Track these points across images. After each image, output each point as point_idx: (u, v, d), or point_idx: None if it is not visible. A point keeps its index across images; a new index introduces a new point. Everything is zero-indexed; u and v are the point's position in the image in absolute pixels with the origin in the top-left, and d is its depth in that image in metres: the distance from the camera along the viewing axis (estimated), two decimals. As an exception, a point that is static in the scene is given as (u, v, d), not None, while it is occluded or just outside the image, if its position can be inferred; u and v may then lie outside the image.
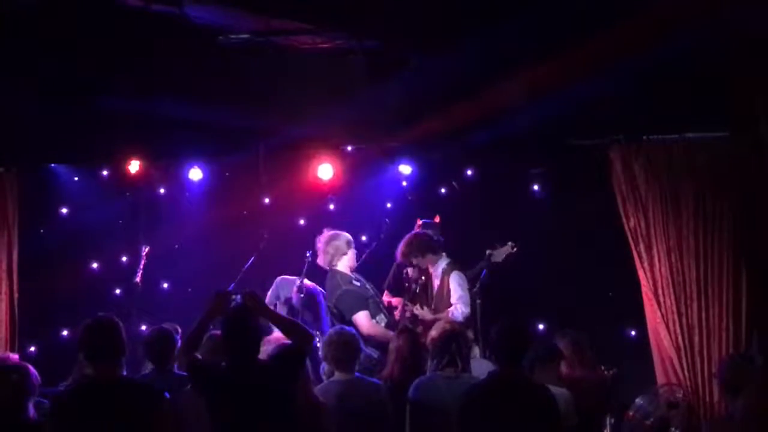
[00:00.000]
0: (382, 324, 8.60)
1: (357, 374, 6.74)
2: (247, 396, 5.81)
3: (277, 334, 6.86)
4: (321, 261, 8.95)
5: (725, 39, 7.36)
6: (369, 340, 8.31)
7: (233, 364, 5.95)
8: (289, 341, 6.14)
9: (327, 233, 9.00)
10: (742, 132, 8.21)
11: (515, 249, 8.84)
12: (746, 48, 7.12)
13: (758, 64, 7.02)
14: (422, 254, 8.93)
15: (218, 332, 6.37)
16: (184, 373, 6.64)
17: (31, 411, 6.07)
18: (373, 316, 8.59)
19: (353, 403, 6.56)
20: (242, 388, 5.83)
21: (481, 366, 7.14)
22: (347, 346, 6.66)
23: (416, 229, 9.40)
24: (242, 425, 5.78)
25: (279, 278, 8.93)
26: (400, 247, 8.96)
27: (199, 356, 6.07)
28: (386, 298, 9.40)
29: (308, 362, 6.54)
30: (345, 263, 8.87)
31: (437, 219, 9.56)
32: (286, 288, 8.77)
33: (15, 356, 7.57)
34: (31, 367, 6.29)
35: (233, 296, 6.23)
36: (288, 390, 5.93)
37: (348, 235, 8.99)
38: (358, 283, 8.82)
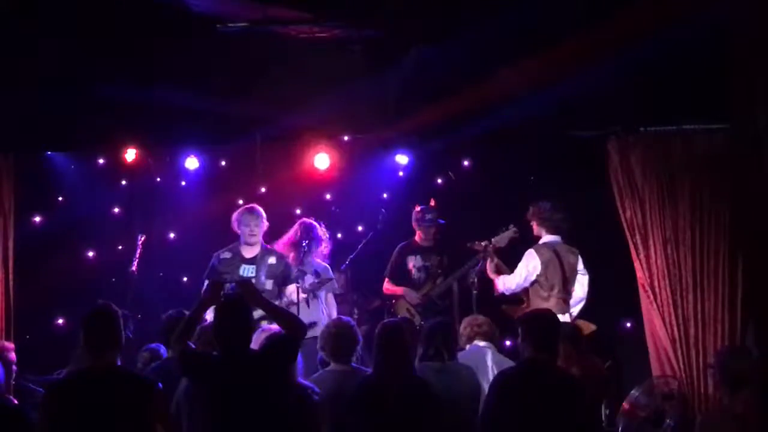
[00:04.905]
0: None
1: (353, 365, 6.73)
2: (238, 385, 5.80)
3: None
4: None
5: (724, 29, 7.34)
6: None
7: (224, 353, 5.94)
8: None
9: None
10: (740, 124, 8.18)
11: (517, 234, 8.84)
12: (745, 39, 7.09)
13: (758, 56, 7.00)
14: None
15: (208, 324, 6.38)
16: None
17: (11, 397, 6.06)
18: None
19: (348, 394, 6.55)
20: (233, 378, 5.82)
21: (475, 355, 7.20)
22: (345, 337, 6.65)
23: (416, 215, 9.42)
24: (233, 414, 5.78)
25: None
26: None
27: (192, 345, 6.06)
28: (387, 286, 9.45)
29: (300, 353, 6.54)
30: None
31: (432, 202, 9.58)
32: None
33: (10, 344, 7.55)
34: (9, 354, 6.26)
35: (227, 285, 6.22)
36: (279, 380, 5.92)
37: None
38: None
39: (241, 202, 10.07)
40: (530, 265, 8.48)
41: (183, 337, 5.97)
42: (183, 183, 10.66)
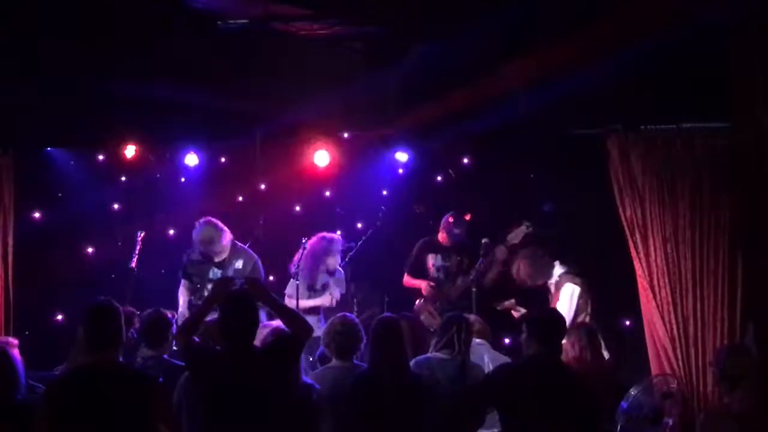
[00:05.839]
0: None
1: (355, 362, 6.73)
2: (239, 382, 5.80)
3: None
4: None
5: (725, 28, 7.34)
6: None
7: (229, 348, 5.94)
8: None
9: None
10: (741, 123, 8.18)
11: (530, 229, 8.90)
12: (746, 38, 7.10)
13: (758, 55, 7.00)
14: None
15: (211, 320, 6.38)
16: (177, 362, 6.66)
17: (24, 393, 6.05)
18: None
19: (347, 390, 6.55)
20: (235, 374, 5.82)
21: (472, 352, 7.21)
22: (351, 335, 6.63)
23: (445, 223, 9.48)
24: (233, 411, 5.78)
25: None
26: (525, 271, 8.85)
27: (196, 339, 6.06)
28: (407, 279, 9.47)
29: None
30: None
31: (468, 217, 9.62)
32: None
33: (14, 340, 7.55)
34: (13, 350, 6.26)
35: (236, 281, 6.22)
36: (280, 379, 5.92)
37: None
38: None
39: (240, 198, 10.10)
40: (574, 296, 8.67)
41: (188, 332, 5.98)
42: (182, 179, 10.66)
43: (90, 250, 10.65)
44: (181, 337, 6.01)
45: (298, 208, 10.65)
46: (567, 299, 8.67)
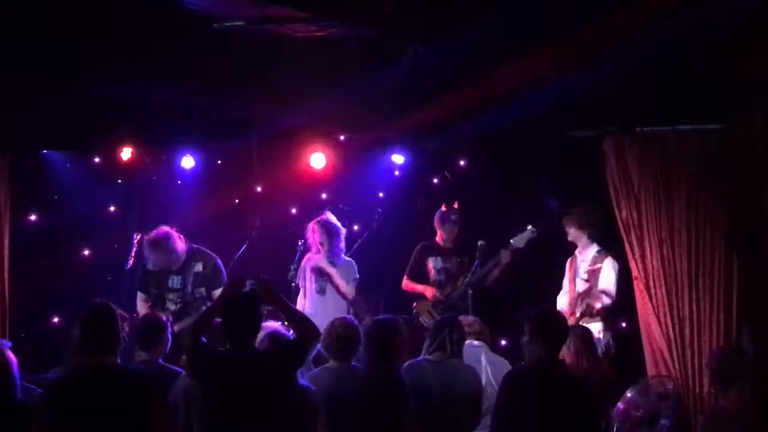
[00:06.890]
0: None
1: (353, 363, 6.73)
2: (241, 381, 5.81)
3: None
4: None
5: (722, 29, 7.35)
6: None
7: (230, 349, 5.96)
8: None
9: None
10: (737, 124, 8.19)
11: (535, 233, 8.97)
12: (743, 39, 7.11)
13: (755, 56, 7.01)
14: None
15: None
16: (172, 367, 6.66)
17: (18, 393, 6.05)
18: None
19: (344, 391, 6.56)
20: (237, 374, 5.84)
21: (469, 353, 7.22)
22: (351, 338, 6.61)
23: (440, 214, 9.57)
24: (233, 411, 5.78)
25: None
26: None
27: (204, 339, 6.06)
28: (407, 283, 9.48)
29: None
30: None
31: (456, 206, 9.64)
32: None
33: (7, 343, 7.54)
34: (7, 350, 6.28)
35: (246, 282, 6.21)
36: (282, 381, 5.93)
37: None
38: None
39: (236, 201, 10.08)
40: (616, 270, 8.96)
41: (197, 331, 6.00)
42: (179, 182, 10.66)
43: (86, 252, 10.66)
44: (189, 336, 6.02)
45: (294, 211, 10.65)
46: (611, 273, 8.93)
